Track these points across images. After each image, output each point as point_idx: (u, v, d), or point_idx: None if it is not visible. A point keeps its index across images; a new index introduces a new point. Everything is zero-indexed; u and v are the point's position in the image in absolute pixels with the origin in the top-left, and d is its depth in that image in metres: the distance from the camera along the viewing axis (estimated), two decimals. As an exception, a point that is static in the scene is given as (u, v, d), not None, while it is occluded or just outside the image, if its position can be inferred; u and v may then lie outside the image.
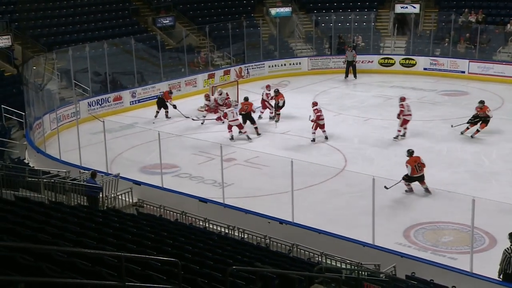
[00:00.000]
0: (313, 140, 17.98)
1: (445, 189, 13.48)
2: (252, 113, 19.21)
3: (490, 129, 18.97)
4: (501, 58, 26.34)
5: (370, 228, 11.37)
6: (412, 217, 12.94)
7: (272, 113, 20.73)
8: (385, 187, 13.11)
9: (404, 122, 18.19)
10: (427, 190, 14.01)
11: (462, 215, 11.70)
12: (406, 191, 14.11)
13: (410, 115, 18.31)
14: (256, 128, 19.15)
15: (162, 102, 21.57)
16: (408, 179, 13.94)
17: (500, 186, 14.58)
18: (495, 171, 15.55)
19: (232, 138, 18.64)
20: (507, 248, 9.78)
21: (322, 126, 18.07)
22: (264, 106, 20.96)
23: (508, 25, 26.95)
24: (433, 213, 13.11)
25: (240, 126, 18.74)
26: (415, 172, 13.85)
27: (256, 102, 20.53)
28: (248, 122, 19.07)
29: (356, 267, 10.36)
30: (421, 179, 14.02)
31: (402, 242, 11.94)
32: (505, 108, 21.61)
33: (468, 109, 21.37)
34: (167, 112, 21.48)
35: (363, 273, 9.79)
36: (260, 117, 20.50)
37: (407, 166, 13.91)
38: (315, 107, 18.15)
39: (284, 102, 20.61)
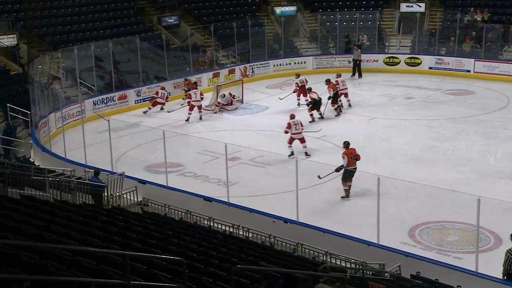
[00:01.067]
0: (292, 154, 16.42)
1: (450, 188, 13.43)
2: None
3: (495, 128, 18.92)
4: (507, 57, 26.23)
5: (375, 228, 11.36)
6: (417, 217, 12.90)
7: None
8: (318, 176, 13.43)
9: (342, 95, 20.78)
10: (347, 192, 13.84)
11: (467, 215, 11.65)
12: (342, 197, 13.90)
13: (346, 88, 20.99)
14: (321, 114, 20.14)
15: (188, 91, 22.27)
16: (340, 170, 13.76)
17: (505, 185, 14.52)
18: (501, 170, 15.50)
19: (187, 120, 20.20)
20: (510, 249, 9.72)
21: (301, 140, 16.75)
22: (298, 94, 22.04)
23: (514, 24, 26.88)
24: (438, 212, 13.07)
25: (200, 108, 20.15)
26: (351, 164, 13.91)
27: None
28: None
29: (361, 267, 10.35)
30: (351, 175, 13.86)
31: (407, 242, 11.91)
32: (510, 107, 21.53)
33: (473, 108, 21.35)
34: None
35: (368, 272, 9.77)
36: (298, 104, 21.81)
37: (343, 157, 13.99)
38: (292, 120, 16.78)
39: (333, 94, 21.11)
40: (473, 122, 19.56)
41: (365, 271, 9.74)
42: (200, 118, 20.58)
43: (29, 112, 19.17)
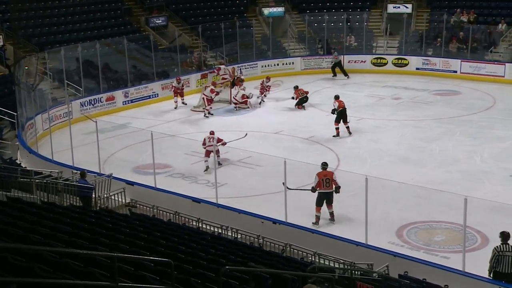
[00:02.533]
0: (207, 168, 15.86)
1: (437, 188, 13.52)
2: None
3: (482, 128, 19.10)
4: (493, 58, 26.48)
5: (363, 228, 11.40)
6: (405, 217, 12.97)
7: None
8: (283, 183, 12.26)
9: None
10: (332, 216, 12.78)
11: (455, 214, 11.74)
12: (313, 223, 12.60)
13: (226, 74, 22.13)
14: (348, 127, 18.55)
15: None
16: (313, 191, 12.67)
17: (491, 185, 14.66)
18: (487, 170, 15.63)
19: (176, 107, 21.64)
20: (497, 246, 9.83)
21: (217, 152, 15.70)
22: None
23: (500, 25, 27.11)
24: (426, 212, 13.15)
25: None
26: (321, 187, 12.59)
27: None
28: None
29: (349, 267, 10.38)
30: (328, 200, 12.68)
31: (395, 242, 11.97)
32: (496, 107, 21.73)
33: (460, 109, 21.52)
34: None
35: (356, 272, 9.81)
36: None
37: (315, 177, 12.69)
38: (209, 136, 16.30)
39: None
40: (460, 123, 19.72)
41: (353, 271, 9.78)
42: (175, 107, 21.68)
43: (15, 114, 19.02)
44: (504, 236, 9.82)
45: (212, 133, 16.45)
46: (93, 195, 13.12)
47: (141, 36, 26.84)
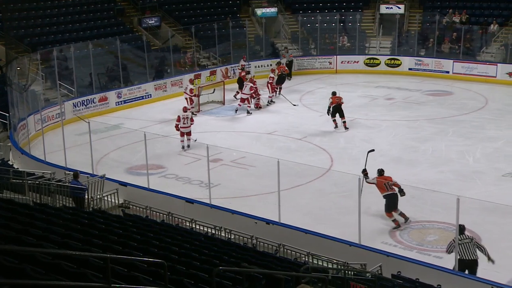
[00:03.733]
0: (183, 147, 17.70)
1: (430, 188, 13.57)
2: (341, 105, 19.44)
3: (474, 128, 19.19)
4: (485, 58, 26.61)
5: (356, 228, 11.43)
6: (398, 217, 12.99)
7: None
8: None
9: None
10: (396, 222, 12.71)
11: (447, 214, 11.79)
12: (393, 228, 12.57)
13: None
14: (344, 122, 19.30)
15: (240, 81, 23.27)
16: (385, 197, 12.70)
17: (484, 185, 14.72)
18: (479, 170, 15.70)
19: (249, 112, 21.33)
20: (460, 238, 10.36)
21: (188, 134, 17.80)
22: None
23: (492, 25, 27.24)
24: (419, 212, 13.20)
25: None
26: (384, 190, 12.67)
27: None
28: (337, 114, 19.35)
29: (342, 267, 10.40)
30: (393, 203, 12.68)
31: (388, 242, 12.01)
32: (488, 107, 21.84)
33: (452, 109, 21.62)
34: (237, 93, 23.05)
35: (349, 272, 9.83)
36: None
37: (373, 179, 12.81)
38: (183, 114, 17.96)
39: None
40: (452, 123, 19.81)
41: (346, 272, 9.79)
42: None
43: (7, 115, 18.93)
44: (460, 229, 10.44)
45: (184, 110, 18.33)
46: (86, 196, 13.07)
47: (134, 37, 26.79)
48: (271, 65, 25.89)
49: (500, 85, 24.87)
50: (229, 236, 11.99)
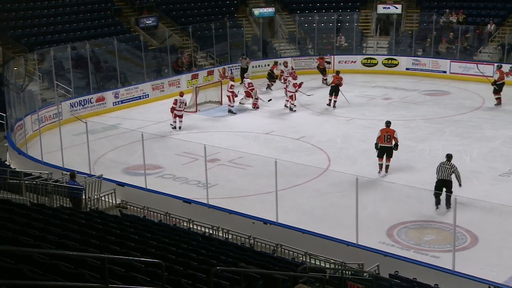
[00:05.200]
0: (174, 128, 19.62)
1: (427, 188, 13.58)
2: (340, 86, 21.78)
3: (471, 128, 19.22)
4: (482, 58, 26.65)
5: (353, 228, 11.43)
6: (395, 216, 13.02)
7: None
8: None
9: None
10: (387, 168, 15.29)
11: (444, 214, 11.81)
12: (378, 172, 15.12)
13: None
14: (335, 101, 21.72)
15: (270, 74, 23.86)
16: (376, 146, 15.27)
17: (481, 184, 14.74)
18: (476, 170, 15.72)
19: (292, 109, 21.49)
20: (442, 162, 13.30)
21: (180, 117, 19.72)
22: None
23: (488, 25, 27.29)
24: (416, 212, 13.21)
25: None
26: (382, 141, 15.16)
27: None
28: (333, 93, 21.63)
29: (340, 267, 10.41)
30: (388, 154, 15.21)
31: (386, 241, 12.01)
32: (485, 107, 21.87)
33: (449, 109, 21.65)
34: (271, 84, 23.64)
35: (347, 272, 9.84)
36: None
37: (378, 132, 15.31)
38: (179, 98, 19.77)
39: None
40: (449, 123, 19.83)
41: (344, 271, 9.81)
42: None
43: (4, 115, 18.90)
44: (448, 156, 13.42)
45: (181, 95, 19.90)
46: (83, 196, 13.06)
47: (131, 37, 26.76)
48: (277, 67, 25.47)
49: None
50: (227, 236, 12.00)
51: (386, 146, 15.12)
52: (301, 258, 11.01)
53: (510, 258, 11.18)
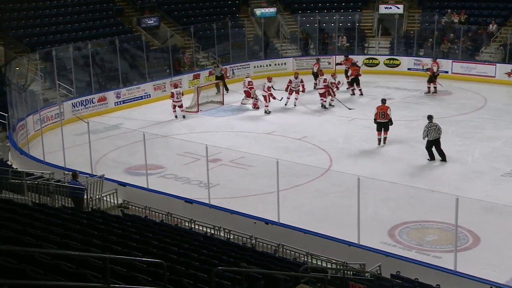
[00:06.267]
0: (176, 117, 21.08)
1: (429, 188, 13.58)
2: (359, 76, 23.68)
3: (473, 128, 19.20)
4: (484, 58, 26.62)
5: (355, 228, 11.43)
6: (397, 216, 13.01)
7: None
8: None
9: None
10: (384, 140, 17.49)
11: (446, 214, 11.80)
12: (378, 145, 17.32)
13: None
14: (360, 89, 23.55)
15: (315, 73, 23.98)
16: (375, 121, 17.45)
17: (483, 185, 14.73)
18: (478, 170, 15.71)
19: (176, 117, 21.37)
20: (426, 124, 15.84)
21: (180, 106, 21.11)
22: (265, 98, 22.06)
23: (490, 25, 27.26)
24: (418, 212, 13.20)
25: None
26: (378, 117, 17.34)
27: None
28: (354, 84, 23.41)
29: (341, 267, 10.40)
30: (385, 128, 17.38)
31: (387, 241, 12.00)
32: (487, 107, 21.85)
33: (451, 109, 21.63)
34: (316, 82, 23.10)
35: (348, 272, 9.84)
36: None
37: (375, 109, 17.55)
38: (175, 90, 21.16)
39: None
40: (451, 123, 19.78)
41: (345, 271, 9.80)
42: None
43: (6, 115, 18.92)
44: (430, 117, 16.03)
45: (175, 86, 21.59)
46: (85, 196, 13.07)
47: (133, 37, 26.78)
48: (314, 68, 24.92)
49: (499, 85, 24.88)
50: (228, 236, 12.00)
51: (382, 122, 17.31)
52: (302, 258, 11.01)
53: (512, 258, 11.17)
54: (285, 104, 22.09)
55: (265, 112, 21.51)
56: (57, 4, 27.63)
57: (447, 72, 26.45)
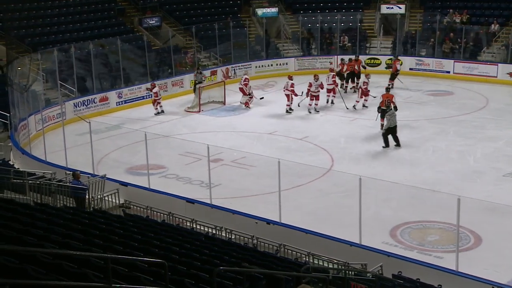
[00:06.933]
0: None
1: (430, 188, 13.57)
2: (355, 72, 24.06)
3: (474, 128, 19.19)
4: (485, 58, 26.59)
5: (357, 228, 11.42)
6: (399, 217, 13.01)
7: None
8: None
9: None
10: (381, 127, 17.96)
11: (448, 214, 11.78)
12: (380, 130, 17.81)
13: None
14: (357, 84, 23.64)
15: (341, 75, 24.12)
16: (379, 110, 18.43)
17: (484, 185, 14.72)
18: (480, 170, 15.70)
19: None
20: (388, 113, 17.17)
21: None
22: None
23: (492, 25, 27.22)
24: (419, 212, 13.19)
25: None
26: (383, 105, 18.20)
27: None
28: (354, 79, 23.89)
29: (343, 267, 10.40)
30: (383, 114, 18.03)
31: (389, 242, 12.00)
32: (489, 107, 21.83)
33: (453, 109, 21.61)
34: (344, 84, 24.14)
35: (350, 272, 9.83)
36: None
37: (380, 97, 18.80)
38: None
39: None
40: (453, 123, 19.80)
41: (347, 272, 9.79)
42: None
43: (8, 115, 18.94)
44: (383, 111, 17.77)
45: (153, 85, 22.09)
46: (87, 196, 13.08)
47: (134, 37, 26.80)
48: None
49: (501, 85, 24.86)
50: (230, 236, 12.00)
51: (386, 109, 17.86)
52: (304, 258, 11.01)
53: (514, 258, 11.16)
54: (298, 105, 21.65)
55: (287, 111, 21.49)
56: (59, 4, 27.65)
57: (448, 72, 26.45)
